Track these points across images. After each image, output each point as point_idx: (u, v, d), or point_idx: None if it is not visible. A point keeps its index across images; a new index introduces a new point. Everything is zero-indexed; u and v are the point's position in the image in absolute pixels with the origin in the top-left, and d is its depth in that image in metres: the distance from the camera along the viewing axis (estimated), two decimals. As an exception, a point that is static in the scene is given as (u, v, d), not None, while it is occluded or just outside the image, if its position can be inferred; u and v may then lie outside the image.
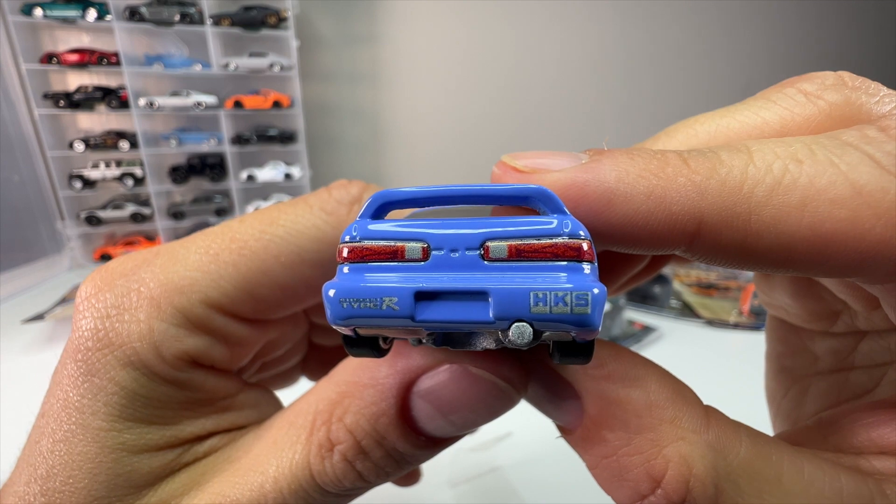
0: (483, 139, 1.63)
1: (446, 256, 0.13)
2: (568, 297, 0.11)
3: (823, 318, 0.22)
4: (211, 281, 0.19)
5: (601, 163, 0.14)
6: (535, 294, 0.11)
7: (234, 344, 0.21)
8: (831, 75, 0.16)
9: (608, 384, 0.15)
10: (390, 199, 0.14)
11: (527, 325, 0.11)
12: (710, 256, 0.14)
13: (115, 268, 0.19)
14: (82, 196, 1.15)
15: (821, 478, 0.14)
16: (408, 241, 0.13)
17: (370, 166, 1.60)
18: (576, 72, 1.66)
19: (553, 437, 0.18)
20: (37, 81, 1.07)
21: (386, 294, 0.12)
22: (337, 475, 0.17)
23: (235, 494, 0.18)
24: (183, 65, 1.15)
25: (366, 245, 0.13)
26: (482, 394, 0.17)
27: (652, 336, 0.72)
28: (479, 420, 0.18)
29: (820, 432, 0.17)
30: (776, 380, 0.25)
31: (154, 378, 0.18)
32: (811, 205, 0.12)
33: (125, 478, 0.18)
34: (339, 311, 0.12)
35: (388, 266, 0.13)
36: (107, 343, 0.18)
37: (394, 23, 1.46)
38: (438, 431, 0.18)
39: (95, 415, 0.18)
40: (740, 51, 1.77)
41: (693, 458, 0.14)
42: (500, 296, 0.11)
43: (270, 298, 0.20)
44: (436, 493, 0.43)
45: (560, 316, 0.11)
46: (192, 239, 0.20)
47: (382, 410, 0.17)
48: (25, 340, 0.73)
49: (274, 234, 0.20)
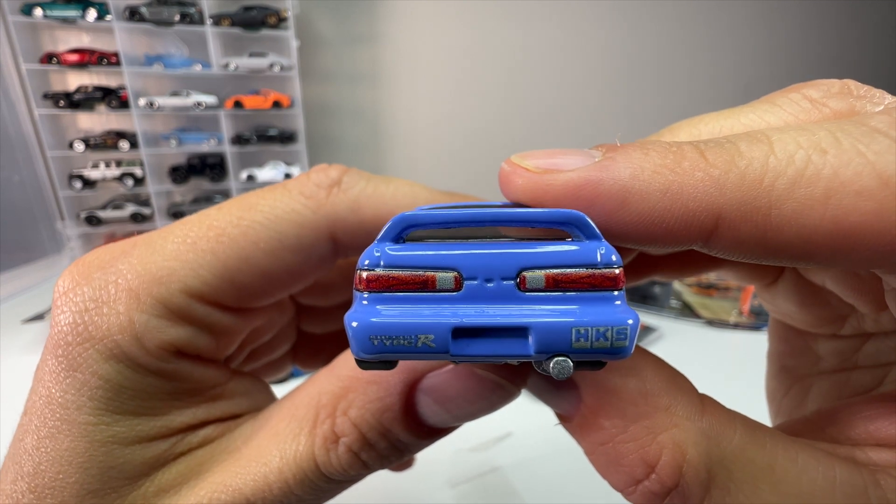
0: (483, 139, 1.63)
1: (481, 286, 0.12)
2: (609, 333, 0.11)
3: (831, 323, 0.22)
4: (189, 270, 0.19)
5: (615, 160, 0.13)
6: (576, 330, 0.11)
7: (218, 332, 0.20)
8: (837, 83, 0.16)
9: (604, 374, 0.15)
10: (415, 222, 0.13)
11: (567, 359, 0.11)
12: (729, 251, 0.14)
13: (91, 261, 0.19)
14: (82, 196, 1.16)
15: (814, 466, 0.14)
16: (439, 269, 0.12)
17: (370, 166, 1.60)
18: (576, 71, 1.66)
19: (552, 437, 0.18)
20: (37, 81, 1.07)
21: (422, 332, 0.11)
22: (342, 465, 0.18)
23: (238, 484, 0.18)
24: (183, 65, 1.15)
25: (392, 274, 0.12)
26: (485, 390, 0.17)
27: (652, 336, 0.72)
28: (480, 413, 0.18)
29: (818, 424, 0.17)
30: (777, 379, 0.25)
31: (138, 369, 0.18)
32: (835, 197, 0.12)
33: (118, 469, 0.18)
34: (370, 347, 0.11)
35: (418, 297, 0.12)
36: (87, 337, 0.17)
37: (394, 23, 1.46)
38: (441, 424, 0.19)
39: (81, 409, 0.17)
40: (740, 51, 1.77)
41: (686, 445, 0.14)
42: (542, 332, 0.11)
43: (252, 286, 0.20)
44: (436, 493, 0.43)
45: (599, 350, 0.11)
46: (169, 228, 0.20)
47: (387, 406, 0.18)
48: (25, 340, 0.73)
49: (252, 220, 0.20)
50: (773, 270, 0.23)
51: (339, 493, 0.20)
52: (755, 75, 1.79)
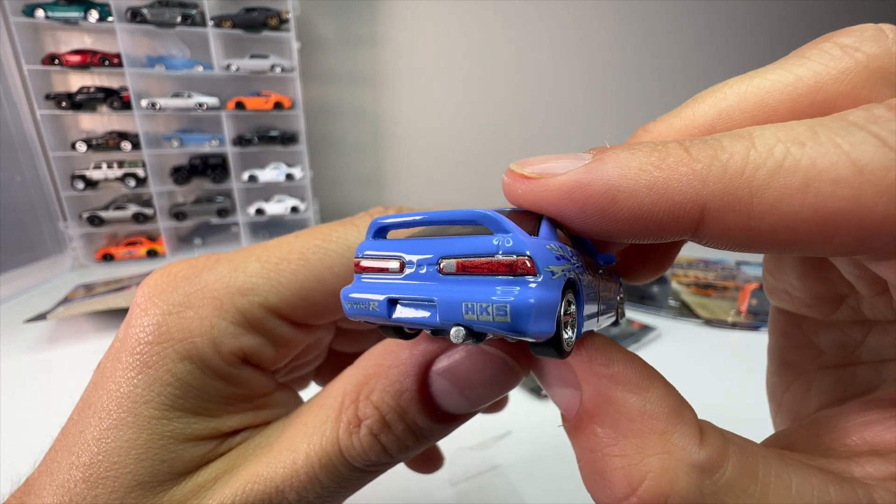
0: (483, 139, 1.64)
1: (416, 272, 0.16)
2: (490, 308, 0.13)
3: (827, 303, 0.22)
4: (271, 287, 0.22)
5: (603, 161, 0.14)
6: (465, 304, 0.13)
7: (282, 345, 0.23)
8: (871, 27, 0.16)
9: (608, 383, 0.15)
10: (382, 224, 0.17)
11: (462, 328, 0.14)
12: (717, 241, 0.14)
13: (177, 272, 0.21)
14: (84, 196, 1.16)
15: (809, 491, 0.14)
16: (389, 259, 0.16)
17: (371, 167, 1.60)
18: (575, 72, 1.66)
19: (552, 436, 0.19)
20: (39, 82, 1.08)
21: (371, 300, 0.16)
22: (364, 448, 0.19)
23: (269, 473, 0.19)
24: (184, 66, 1.15)
25: (363, 263, 0.17)
26: (494, 369, 0.19)
27: (650, 335, 0.73)
28: (490, 395, 0.20)
29: (814, 432, 0.17)
30: (778, 374, 0.25)
31: (207, 372, 0.20)
32: (813, 185, 0.12)
33: (169, 464, 0.19)
34: (347, 308, 0.17)
35: (376, 277, 0.17)
36: (168, 337, 0.20)
37: (394, 24, 1.46)
38: (454, 407, 0.20)
39: (148, 404, 0.19)
40: (741, 52, 1.77)
41: (677, 475, 0.14)
42: (442, 305, 0.14)
43: (322, 304, 0.23)
44: (436, 492, 0.44)
45: (486, 323, 0.13)
46: (250, 250, 0.23)
47: (405, 387, 0.19)
48: (27, 340, 0.73)
49: (328, 248, 0.23)
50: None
51: (360, 486, 0.21)
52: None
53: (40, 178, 1.12)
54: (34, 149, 1.11)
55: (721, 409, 0.28)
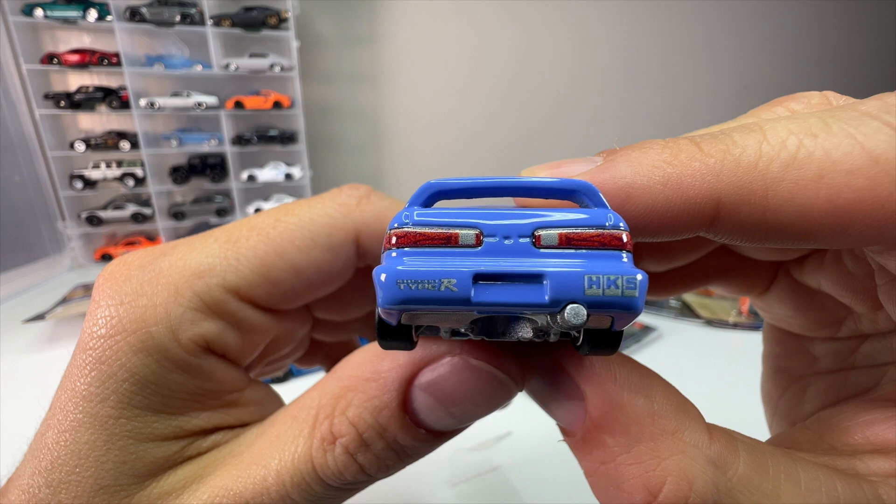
0: (483, 140, 1.63)
1: (500, 243, 0.13)
2: (620, 281, 0.12)
3: (827, 326, 0.22)
4: (229, 265, 0.20)
5: (615, 161, 0.14)
6: (588, 277, 0.12)
7: (247, 331, 0.21)
8: (817, 95, 0.17)
9: (614, 387, 0.15)
10: (442, 188, 0.14)
11: (580, 306, 0.12)
12: (733, 235, 0.14)
13: (132, 260, 0.20)
14: (83, 196, 1.16)
15: (818, 487, 0.14)
16: (462, 228, 0.13)
17: (370, 167, 1.60)
18: (576, 72, 1.66)
19: (553, 436, 0.18)
20: (37, 82, 1.07)
21: (445, 276, 0.12)
22: (339, 467, 0.18)
23: (238, 488, 0.18)
24: (184, 65, 1.15)
25: (419, 231, 0.13)
26: (482, 385, 0.17)
27: (651, 335, 0.72)
28: (478, 412, 0.18)
29: (816, 431, 0.17)
30: (772, 380, 0.25)
31: (166, 364, 0.18)
32: (827, 176, 0.12)
33: (130, 466, 0.18)
34: (396, 293, 0.12)
35: (442, 251, 0.13)
36: (120, 329, 0.18)
37: (394, 23, 1.46)
38: (439, 424, 0.18)
39: (104, 402, 0.18)
40: (741, 52, 1.77)
41: (694, 474, 0.13)
42: (556, 279, 0.12)
43: (285, 283, 0.21)
44: (436, 493, 0.44)
45: (611, 299, 0.12)
46: (210, 232, 0.21)
47: (385, 403, 0.17)
48: (26, 340, 0.73)
49: (289, 222, 0.21)
50: (763, 280, 0.23)
51: (339, 503, 0.20)
52: (756, 76, 1.79)
53: (39, 177, 1.12)
54: (33, 148, 1.10)
55: (724, 410, 0.28)
